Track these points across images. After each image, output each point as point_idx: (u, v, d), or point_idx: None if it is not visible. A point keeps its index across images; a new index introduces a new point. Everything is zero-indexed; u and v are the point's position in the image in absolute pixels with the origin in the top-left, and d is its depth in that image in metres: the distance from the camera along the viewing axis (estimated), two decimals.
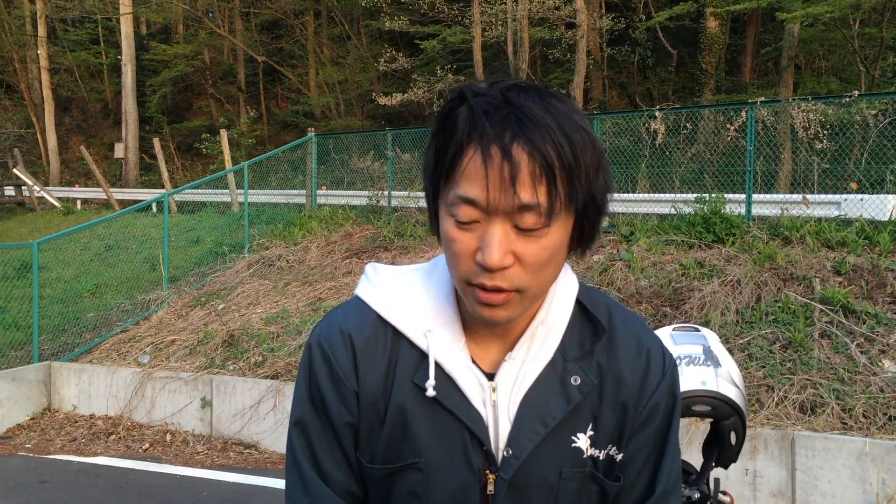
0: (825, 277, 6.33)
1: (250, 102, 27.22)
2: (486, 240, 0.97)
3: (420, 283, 1.15)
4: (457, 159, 0.98)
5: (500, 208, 0.96)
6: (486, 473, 1.09)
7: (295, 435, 1.14)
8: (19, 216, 20.11)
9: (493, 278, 0.98)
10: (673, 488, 1.16)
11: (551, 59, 19.14)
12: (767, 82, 18.31)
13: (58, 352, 8.58)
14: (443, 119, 1.01)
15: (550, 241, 0.99)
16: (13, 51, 28.36)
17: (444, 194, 1.01)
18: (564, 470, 1.10)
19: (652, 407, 1.13)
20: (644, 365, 1.14)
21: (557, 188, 0.96)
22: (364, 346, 1.11)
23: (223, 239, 11.31)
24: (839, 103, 8.39)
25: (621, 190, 9.93)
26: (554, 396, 1.10)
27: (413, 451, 1.09)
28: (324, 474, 1.13)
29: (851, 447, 4.63)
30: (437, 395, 1.08)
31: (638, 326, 1.18)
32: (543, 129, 0.95)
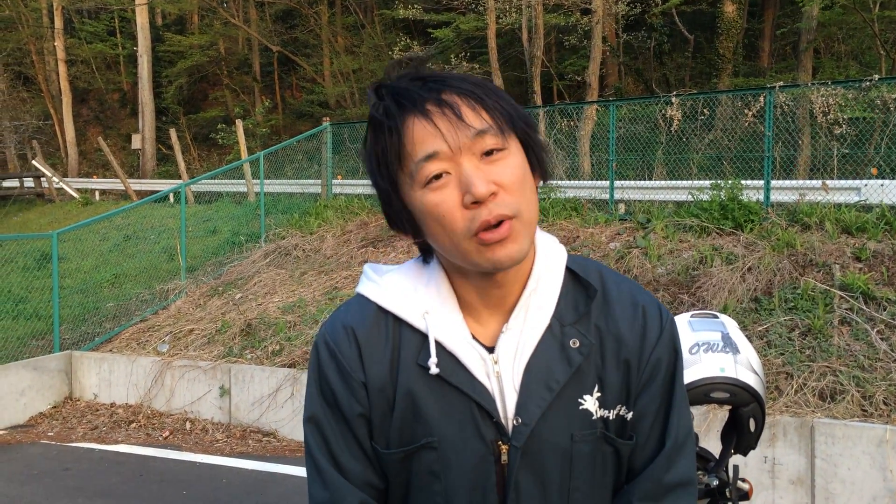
0: (845, 264, 6.27)
1: (265, 92, 27.26)
2: (465, 180, 1.03)
3: (414, 271, 1.20)
4: (403, 136, 1.05)
5: (462, 146, 1.03)
6: (498, 444, 1.11)
7: (309, 432, 1.17)
8: (39, 207, 20.30)
9: (490, 209, 1.02)
10: (684, 441, 1.18)
11: (567, 46, 19.00)
12: (786, 66, 18.10)
13: (78, 341, 8.67)
14: (372, 119, 1.09)
15: (515, 160, 1.06)
16: (30, 43, 28.55)
17: (405, 174, 1.07)
18: (575, 433, 1.12)
19: (655, 362, 1.16)
20: (641, 321, 1.16)
21: (494, 111, 1.05)
22: (367, 338, 1.15)
23: (240, 229, 11.36)
24: (859, 87, 8.28)
25: (638, 177, 9.87)
26: (555, 361, 1.12)
27: (426, 430, 1.12)
28: (341, 468, 1.15)
29: (871, 434, 4.60)
30: (440, 372, 1.11)
31: (631, 286, 1.20)
32: (459, 79, 1.08)
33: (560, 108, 11.18)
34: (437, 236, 1.08)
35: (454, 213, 1.04)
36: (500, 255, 1.05)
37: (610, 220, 8.32)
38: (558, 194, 9.23)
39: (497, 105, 1.06)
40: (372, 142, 1.10)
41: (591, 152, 11.09)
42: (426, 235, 1.11)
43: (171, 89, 27.73)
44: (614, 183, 9.16)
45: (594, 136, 11.13)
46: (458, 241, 1.05)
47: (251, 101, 26.76)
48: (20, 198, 21.56)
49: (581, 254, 7.59)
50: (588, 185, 9.94)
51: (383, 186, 1.11)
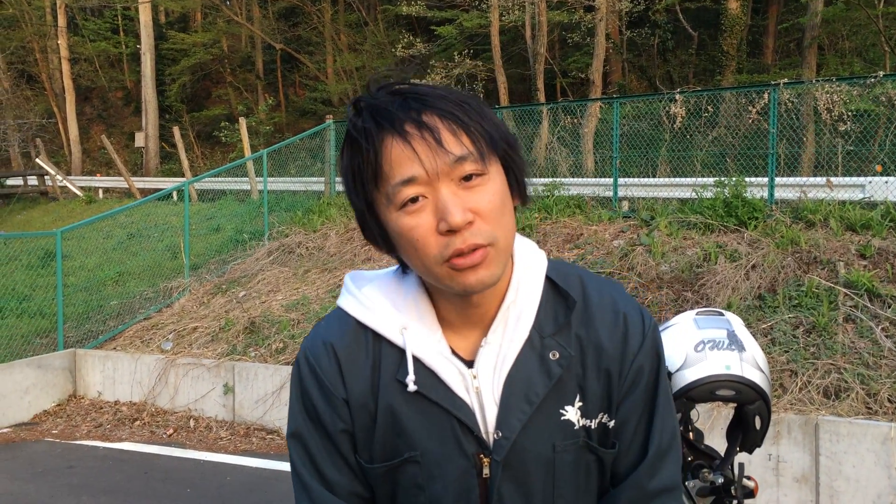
0: (849, 261, 6.26)
1: (268, 90, 27.27)
2: (441, 207, 1.01)
3: (394, 283, 1.18)
4: (380, 157, 1.03)
5: (440, 171, 1.01)
6: (480, 457, 1.11)
7: (293, 447, 1.17)
8: (42, 205, 20.32)
9: (465, 238, 1.01)
10: (668, 448, 1.17)
11: (570, 43, 18.98)
12: (790, 63, 18.07)
13: (82, 339, 8.68)
14: (349, 134, 1.07)
15: (494, 186, 1.04)
16: (34, 41, 28.57)
17: (381, 195, 1.05)
18: (557, 443, 1.12)
19: (636, 370, 1.15)
20: (622, 330, 1.15)
21: (476, 135, 1.03)
22: (347, 354, 1.14)
23: (243, 227, 11.37)
24: (863, 84, 8.25)
25: (641, 174, 9.86)
26: (535, 374, 1.11)
27: (408, 445, 1.12)
28: (326, 481, 1.15)
29: (876, 432, 4.59)
30: (419, 388, 1.10)
31: (613, 293, 1.19)
32: (440, 99, 1.04)
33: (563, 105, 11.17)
34: (411, 258, 1.07)
35: (428, 238, 1.03)
36: (470, 280, 1.04)
37: (613, 217, 8.30)
38: (562, 192, 9.22)
39: (479, 128, 1.04)
40: (348, 158, 1.08)
41: (594, 150, 11.07)
42: (401, 254, 1.10)
43: (175, 87, 27.75)
44: (618, 180, 9.15)
45: (598, 134, 11.11)
46: (430, 266, 1.04)
47: (254, 98, 26.76)
48: (24, 196, 21.59)
49: (585, 252, 7.59)
50: (592, 183, 9.92)
51: (358, 204, 1.10)
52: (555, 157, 10.68)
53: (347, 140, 1.08)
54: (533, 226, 8.40)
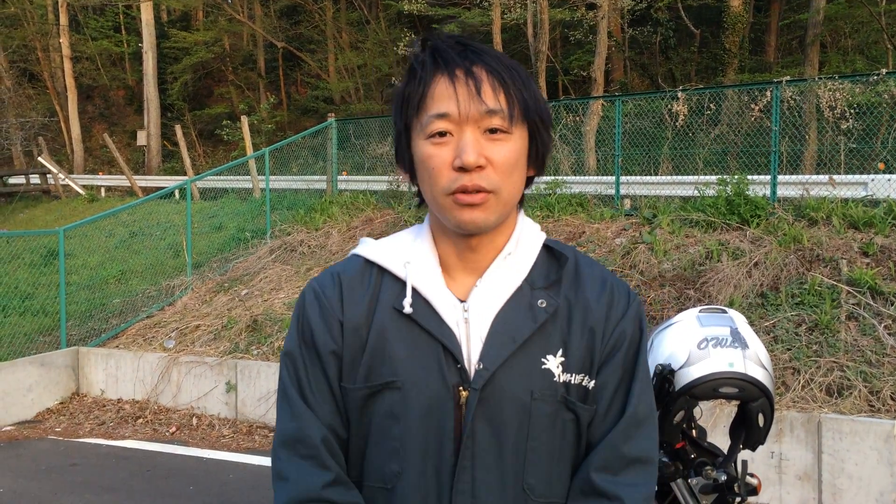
0: (852, 259, 6.25)
1: (270, 88, 27.26)
2: (461, 145, 1.13)
3: (403, 233, 1.32)
4: (427, 89, 1.16)
5: (470, 116, 1.13)
6: (459, 390, 1.16)
7: (284, 365, 1.26)
8: (45, 204, 20.33)
9: (473, 178, 1.13)
10: (645, 418, 1.22)
11: (572, 41, 18.96)
12: (792, 61, 18.03)
13: (85, 337, 8.69)
14: (410, 65, 1.20)
15: (514, 146, 1.16)
16: (36, 40, 28.56)
17: (418, 122, 1.18)
18: (536, 390, 1.17)
19: (619, 334, 1.22)
20: (609, 296, 1.24)
21: (513, 97, 1.15)
22: (350, 283, 1.26)
23: (245, 225, 11.37)
24: (866, 82, 8.24)
25: (643, 172, 9.84)
26: (522, 317, 1.20)
27: (391, 371, 1.18)
28: (310, 405, 1.22)
29: (879, 430, 4.58)
30: (413, 314, 1.20)
31: (604, 269, 1.29)
32: (495, 59, 1.18)
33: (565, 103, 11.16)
34: (424, 184, 1.20)
35: (442, 170, 1.15)
36: (465, 217, 1.15)
37: (615, 215, 8.30)
38: (564, 190, 9.21)
39: (518, 94, 1.16)
40: (403, 84, 1.21)
41: (596, 148, 11.06)
42: (418, 180, 1.22)
43: (176, 86, 27.74)
44: (620, 178, 9.14)
45: (599, 132, 11.10)
46: (437, 195, 1.17)
47: (256, 97, 26.75)
48: (26, 194, 21.60)
49: (587, 250, 7.58)
50: (593, 181, 9.91)
51: (398, 125, 1.23)
52: (557, 155, 10.66)
53: (407, 70, 1.21)
54: None
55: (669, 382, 1.92)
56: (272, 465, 1.23)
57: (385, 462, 1.19)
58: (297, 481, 1.19)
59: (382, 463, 1.19)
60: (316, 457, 1.19)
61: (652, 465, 1.22)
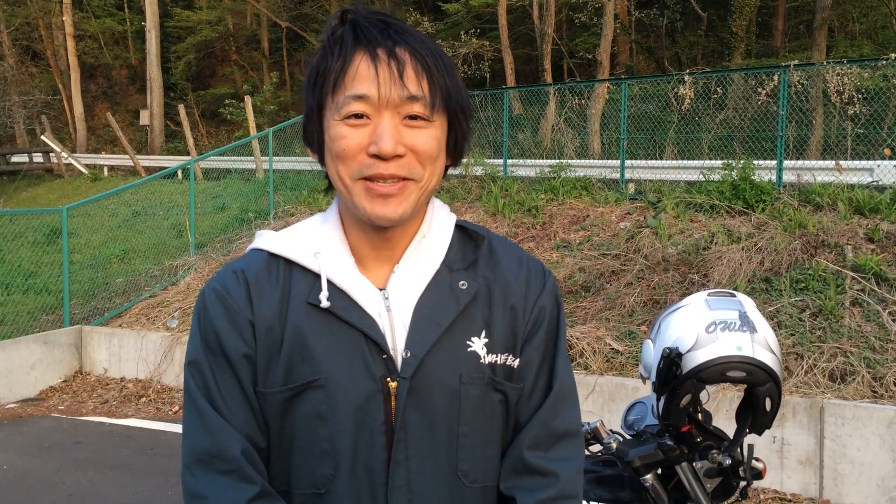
0: (857, 244, 6.23)
1: (274, 69, 27.14)
2: (378, 132, 1.07)
3: (307, 223, 1.25)
4: (346, 66, 1.08)
5: (390, 101, 1.07)
6: (387, 381, 1.11)
7: (190, 376, 1.15)
8: (48, 183, 20.33)
9: (389, 167, 1.07)
10: (570, 392, 1.22)
11: (577, 24, 18.82)
12: (799, 46, 17.91)
13: (88, 316, 8.71)
14: (328, 38, 1.12)
15: (434, 133, 1.11)
16: (39, 18, 28.42)
17: (333, 101, 1.10)
18: (464, 374, 1.14)
19: (539, 309, 1.21)
20: (525, 273, 1.22)
21: (436, 84, 1.09)
22: (257, 279, 1.16)
23: (248, 205, 11.36)
24: (875, 66, 8.18)
25: (648, 156, 9.81)
26: (445, 300, 1.16)
27: (313, 369, 1.11)
28: (222, 416, 1.12)
29: (882, 416, 4.58)
30: (332, 307, 1.12)
31: (516, 247, 1.28)
32: (419, 41, 1.11)
33: (570, 86, 11.09)
34: (331, 166, 1.13)
35: (355, 154, 1.08)
36: (378, 211, 1.10)
37: (620, 199, 8.27)
38: (568, 173, 9.18)
39: (441, 81, 1.10)
40: (318, 59, 1.13)
41: (601, 131, 11.01)
42: (326, 161, 1.15)
43: (180, 65, 27.62)
44: (625, 162, 9.10)
45: (604, 115, 11.05)
46: (345, 177, 1.11)
47: (259, 77, 26.64)
48: (29, 173, 21.59)
49: (591, 234, 7.57)
50: (598, 165, 9.88)
51: (310, 103, 1.14)
52: (561, 139, 10.62)
53: (324, 43, 1.13)
54: (539, 207, 8.37)
55: (676, 366, 1.91)
56: (184, 486, 1.13)
57: (315, 466, 1.12)
58: (219, 499, 1.09)
59: (312, 467, 1.12)
60: (237, 470, 1.10)
61: (579, 438, 1.23)
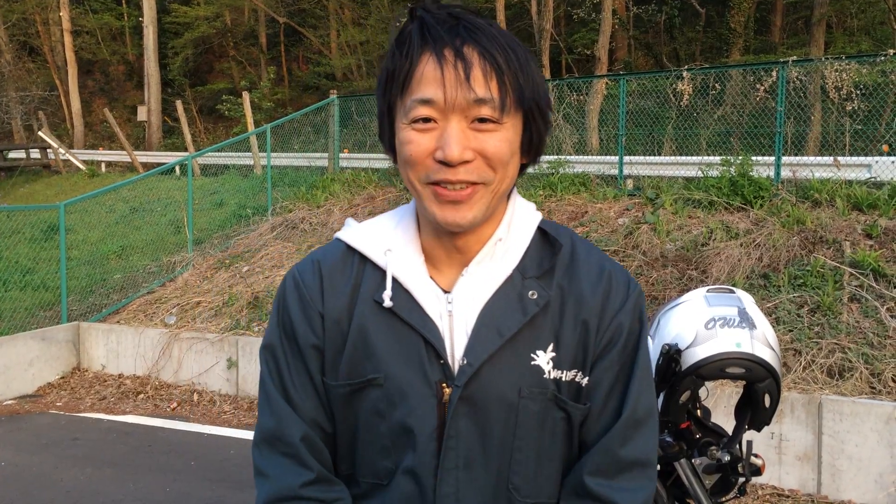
0: (855, 241, 6.23)
1: (272, 64, 27.10)
2: (444, 137, 1.03)
3: (387, 217, 1.24)
4: (413, 68, 1.05)
5: (457, 105, 1.03)
6: (443, 387, 1.10)
7: (264, 360, 1.19)
8: (45, 178, 20.29)
9: (457, 173, 1.04)
10: (644, 417, 1.13)
11: (576, 20, 18.81)
12: (797, 42, 17.90)
13: (86, 312, 8.69)
14: (397, 38, 1.09)
15: (506, 136, 1.06)
16: (36, 13, 28.35)
17: (401, 105, 1.07)
18: (524, 388, 1.10)
19: (616, 327, 1.13)
20: (605, 286, 1.15)
21: (507, 84, 1.04)
22: (331, 271, 1.18)
23: (246, 202, 11.34)
24: (873, 62, 8.17)
25: (646, 152, 9.80)
26: (511, 309, 1.11)
27: (373, 367, 1.12)
28: (290, 400, 1.16)
29: (880, 411, 4.59)
30: (394, 307, 1.12)
31: (601, 255, 1.20)
32: (490, 37, 1.05)
33: (569, 82, 11.08)
34: (402, 169, 1.11)
35: (422, 159, 1.06)
36: (448, 217, 1.07)
37: (619, 195, 8.27)
38: (567, 169, 9.17)
39: (512, 79, 1.05)
40: (390, 58, 1.10)
41: (599, 127, 11.00)
42: (398, 162, 1.12)
43: (177, 61, 27.57)
44: (623, 158, 9.10)
45: (603, 111, 11.04)
46: (415, 182, 1.08)
47: (257, 73, 26.59)
48: (26, 169, 21.55)
49: (590, 230, 7.56)
50: (597, 161, 9.87)
51: (381, 105, 1.13)
52: (559, 135, 10.61)
53: (394, 42, 1.10)
54: (537, 203, 8.37)
55: (676, 362, 1.91)
56: (253, 460, 1.19)
57: (376, 459, 1.14)
58: (277, 478, 1.15)
59: (374, 460, 1.15)
60: (296, 455, 1.14)
61: (651, 468, 1.15)
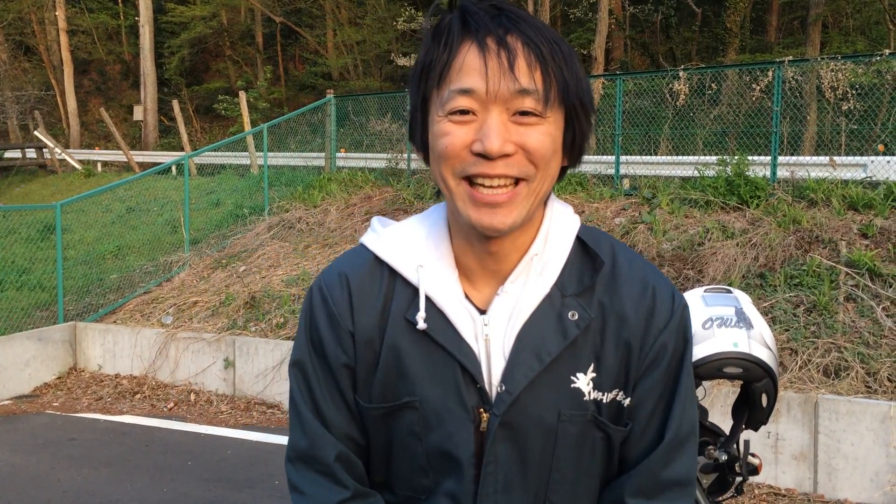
0: (851, 240, 6.25)
1: (268, 64, 27.08)
2: (485, 128, 0.97)
3: (417, 223, 1.16)
4: (452, 58, 0.99)
5: (499, 95, 0.97)
6: (480, 411, 1.06)
7: (294, 376, 1.15)
8: (41, 178, 20.25)
9: (495, 167, 0.98)
10: (686, 438, 1.10)
11: (572, 19, 18.83)
12: (793, 42, 17.94)
13: (82, 312, 8.68)
14: (434, 30, 1.03)
15: (548, 131, 1.00)
16: (31, 12, 28.30)
17: (438, 96, 1.01)
18: (563, 411, 1.06)
19: (659, 347, 1.09)
20: (649, 303, 1.09)
21: (551, 76, 0.98)
22: (360, 287, 1.12)
23: (243, 201, 11.34)
24: (868, 62, 8.19)
25: (643, 152, 9.81)
26: (550, 331, 1.06)
27: (408, 389, 1.08)
28: (322, 417, 1.13)
29: (875, 411, 4.60)
30: (427, 328, 1.06)
31: (645, 266, 1.13)
32: (534, 28, 1.00)
33: None
34: (434, 165, 1.05)
35: (458, 151, 1.00)
36: (485, 220, 1.01)
37: (615, 195, 8.28)
38: None
39: (557, 72, 1.00)
40: (425, 50, 1.04)
41: (596, 127, 11.00)
42: (430, 160, 1.06)
43: (174, 60, 27.54)
44: (620, 158, 9.11)
45: (599, 111, 11.04)
46: (447, 177, 1.02)
47: (254, 72, 26.58)
48: (22, 168, 21.50)
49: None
50: (593, 160, 9.87)
51: (415, 98, 1.07)
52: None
53: (431, 33, 1.04)
54: None
55: None
56: (287, 476, 1.18)
57: (413, 476, 1.12)
58: (314, 496, 1.13)
59: (410, 477, 1.12)
60: (331, 474, 1.12)
61: (690, 486, 1.12)
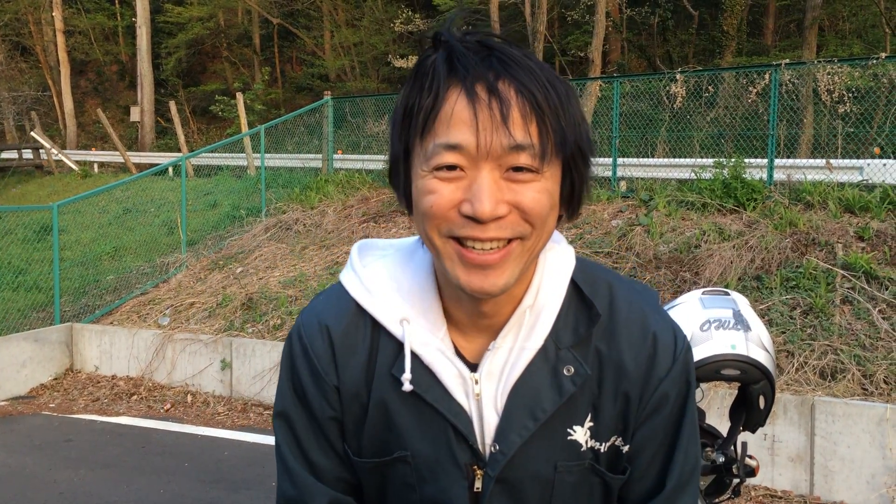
0: (848, 243, 6.27)
1: (265, 65, 27.08)
2: (475, 189, 0.88)
3: (400, 265, 1.07)
4: (438, 106, 0.89)
5: (492, 152, 0.87)
6: (473, 469, 1.02)
7: (279, 427, 1.10)
8: (38, 179, 20.23)
9: (487, 230, 0.89)
10: (687, 481, 1.07)
11: (569, 21, 18.85)
12: (790, 45, 17.99)
13: (79, 313, 8.67)
14: (418, 67, 0.93)
15: (545, 187, 0.91)
16: (28, 13, 28.27)
17: (421, 149, 0.91)
18: (560, 463, 1.02)
19: (660, 397, 1.03)
20: (649, 351, 1.03)
21: (548, 127, 0.89)
22: (342, 339, 1.05)
23: (240, 203, 11.33)
24: (865, 65, 8.22)
25: (640, 154, 9.83)
26: (545, 388, 1.00)
27: (399, 444, 1.04)
28: (312, 464, 1.08)
29: (872, 413, 4.62)
30: (415, 388, 1.01)
31: (645, 307, 1.05)
32: (527, 70, 0.90)
33: None
34: (419, 223, 0.95)
35: (445, 212, 0.90)
36: (476, 283, 0.92)
37: (612, 197, 8.29)
38: None
39: (554, 121, 0.90)
40: (407, 93, 0.94)
41: (593, 129, 11.00)
42: (414, 215, 0.97)
43: (171, 61, 27.52)
44: (617, 160, 9.12)
45: (596, 113, 11.06)
46: (433, 236, 0.93)
47: (251, 74, 26.57)
48: (19, 169, 21.47)
49: (583, 231, 7.58)
50: None
51: (396, 147, 0.96)
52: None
53: (414, 74, 0.94)
54: None
55: None
56: None
57: None
58: None
59: None
60: None
61: None
